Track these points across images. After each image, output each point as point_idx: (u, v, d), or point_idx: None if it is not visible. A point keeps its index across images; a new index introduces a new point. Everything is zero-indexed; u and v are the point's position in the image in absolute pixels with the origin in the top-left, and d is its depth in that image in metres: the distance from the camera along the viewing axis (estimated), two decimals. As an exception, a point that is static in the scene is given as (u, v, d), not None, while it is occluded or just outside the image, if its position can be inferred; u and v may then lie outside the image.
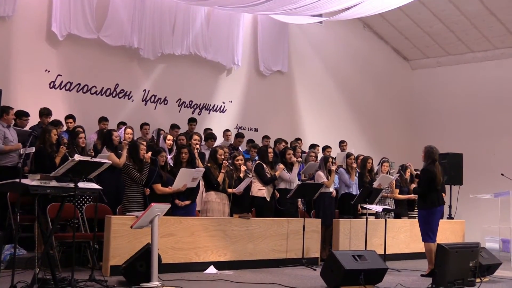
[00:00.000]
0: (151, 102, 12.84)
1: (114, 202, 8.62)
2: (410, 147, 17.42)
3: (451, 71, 17.53)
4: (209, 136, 11.30)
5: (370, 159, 11.29)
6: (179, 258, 8.26)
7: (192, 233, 8.41)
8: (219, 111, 13.99)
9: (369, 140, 16.78)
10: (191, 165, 9.09)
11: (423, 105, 18.03)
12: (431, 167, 8.68)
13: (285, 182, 10.20)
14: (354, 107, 16.80)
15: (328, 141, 13.45)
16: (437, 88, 17.76)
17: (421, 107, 18.06)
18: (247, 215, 9.22)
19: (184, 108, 13.34)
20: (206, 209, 9.14)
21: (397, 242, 11.15)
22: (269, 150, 10.19)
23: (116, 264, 7.41)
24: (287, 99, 15.37)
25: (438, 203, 8.70)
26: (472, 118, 16.82)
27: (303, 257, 9.49)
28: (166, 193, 8.55)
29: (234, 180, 9.41)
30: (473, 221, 13.85)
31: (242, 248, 8.98)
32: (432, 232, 8.60)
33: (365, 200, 9.93)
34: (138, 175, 8.29)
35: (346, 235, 10.27)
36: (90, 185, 6.68)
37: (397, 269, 9.29)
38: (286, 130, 14.47)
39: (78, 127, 9.56)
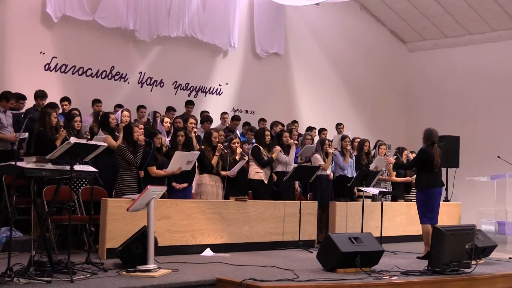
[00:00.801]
0: (147, 84, 12.80)
1: (110, 184, 8.60)
2: (407, 130, 17.45)
3: (448, 53, 17.49)
4: (205, 119, 11.28)
5: (367, 142, 11.31)
6: (176, 241, 8.27)
7: (188, 216, 8.42)
8: (216, 94, 13.96)
9: (366, 123, 16.78)
10: (188, 148, 9.08)
11: (420, 88, 18.01)
12: (429, 149, 8.69)
13: (282, 165, 10.20)
14: (350, 89, 16.78)
15: (324, 124, 13.44)
16: (434, 70, 17.73)
17: (418, 89, 18.04)
18: (244, 198, 9.23)
19: (180, 90, 13.32)
20: (200, 191, 9.14)
21: (394, 224, 11.19)
22: (266, 132, 10.18)
23: (112, 247, 7.42)
24: (283, 82, 15.34)
25: (436, 184, 8.72)
26: (469, 100, 16.82)
27: (300, 239, 9.51)
28: (160, 175, 8.55)
29: (229, 163, 9.42)
30: (469, 204, 13.90)
31: (238, 230, 9.00)
32: (430, 213, 8.62)
33: (362, 182, 9.95)
34: (132, 157, 8.28)
35: (342, 217, 10.30)
36: (86, 168, 6.66)
37: (394, 252, 9.32)
38: (283, 113, 14.45)
39: (74, 109, 9.54)
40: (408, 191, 11.82)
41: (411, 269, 7.32)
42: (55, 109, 9.38)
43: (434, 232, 7.19)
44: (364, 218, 9.87)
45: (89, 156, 6.61)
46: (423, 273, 7.08)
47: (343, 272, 6.99)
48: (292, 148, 10.30)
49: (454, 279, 6.95)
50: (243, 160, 9.67)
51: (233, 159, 9.53)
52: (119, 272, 6.41)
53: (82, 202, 8.47)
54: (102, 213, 7.68)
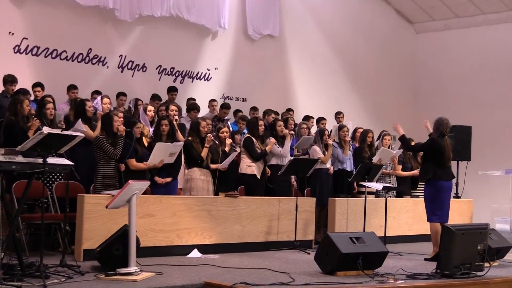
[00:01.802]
0: (128, 69, 12.75)
1: (87, 179, 8.58)
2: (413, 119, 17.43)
3: (459, 35, 17.49)
4: (192, 107, 11.24)
5: (370, 133, 11.30)
6: (159, 241, 8.26)
7: (173, 214, 8.41)
8: (204, 79, 13.93)
9: (369, 112, 16.80)
10: (173, 138, 9.07)
11: (428, 73, 18.02)
12: (439, 140, 8.70)
13: (276, 158, 10.20)
14: (352, 75, 16.78)
15: (323, 113, 13.44)
16: (444, 54, 17.74)
17: (426, 75, 18.06)
18: (234, 194, 9.23)
19: (165, 76, 13.28)
20: (189, 187, 9.13)
21: (399, 223, 11.21)
22: (259, 122, 10.17)
23: (89, 248, 7.41)
24: (278, 66, 15.32)
25: (445, 177, 8.73)
26: (483, 87, 16.83)
27: (296, 239, 9.52)
28: (140, 169, 8.55)
29: (219, 155, 9.41)
30: (482, 200, 13.96)
31: (228, 229, 8.99)
32: (439, 211, 8.65)
33: (364, 177, 9.95)
34: (112, 149, 8.26)
35: (342, 215, 10.31)
36: (61, 161, 6.64)
37: (399, 253, 9.35)
38: (277, 101, 14.44)
39: (47, 96, 9.49)
40: (415, 187, 11.84)
41: (418, 272, 7.34)
42: (27, 96, 9.33)
43: (444, 231, 7.20)
44: (366, 216, 9.89)
45: (64, 148, 6.58)
46: (431, 276, 7.10)
47: (343, 275, 7.00)
48: (287, 139, 10.30)
49: (465, 283, 6.97)
50: (234, 151, 9.65)
51: (222, 151, 9.52)
52: (97, 276, 6.40)
53: (56, 199, 8.44)
54: (79, 210, 7.66)
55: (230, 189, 9.38)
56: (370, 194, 10.63)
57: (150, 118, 10.06)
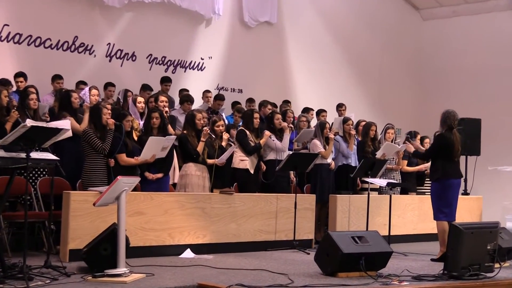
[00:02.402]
0: (116, 58, 12.73)
1: (73, 175, 8.58)
2: (419, 112, 17.49)
3: (469, 21, 17.47)
4: (186, 98, 11.23)
5: (374, 125, 11.32)
6: (150, 241, 8.26)
7: (165, 211, 8.41)
8: (197, 69, 13.92)
9: (372, 104, 16.80)
10: (164, 131, 9.06)
11: (435, 62, 18.01)
12: (447, 134, 8.71)
13: (274, 152, 10.20)
14: (354, 64, 16.77)
15: (323, 105, 13.44)
16: (453, 42, 17.72)
17: (433, 64, 18.04)
18: (230, 190, 9.23)
19: (156, 65, 13.26)
20: (184, 183, 9.14)
21: (404, 221, 11.23)
22: (255, 115, 10.17)
23: (76, 248, 7.40)
24: (276, 56, 15.30)
25: (455, 175, 8.75)
26: (493, 77, 16.82)
27: (295, 239, 9.53)
28: (131, 164, 8.55)
29: (215, 150, 9.40)
30: (492, 198, 13.97)
31: (223, 228, 9.00)
32: (447, 209, 8.66)
33: (367, 172, 9.96)
34: (100, 144, 8.26)
35: (344, 213, 10.33)
36: (45, 155, 6.63)
37: (404, 253, 9.37)
38: (275, 92, 14.44)
39: (30, 86, 9.46)
40: (421, 183, 11.86)
41: (424, 273, 7.35)
42: (7, 86, 9.31)
43: (451, 230, 7.21)
44: (369, 214, 9.90)
45: (49, 142, 6.58)
46: (438, 277, 7.11)
47: (345, 276, 7.02)
48: (286, 132, 10.30)
49: (474, 285, 6.98)
50: (232, 146, 9.65)
51: (220, 146, 9.52)
52: (84, 278, 6.40)
53: (40, 196, 8.44)
54: (64, 208, 7.65)
55: (226, 186, 9.38)
56: (373, 190, 10.65)
57: (140, 110, 10.04)
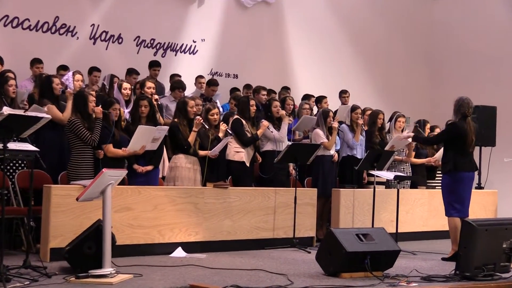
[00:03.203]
0: (101, 40, 12.70)
1: (55, 167, 8.58)
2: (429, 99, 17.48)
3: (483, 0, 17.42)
4: (176, 85, 11.21)
5: (381, 114, 11.30)
6: (138, 238, 8.28)
7: (154, 207, 8.42)
8: (189, 53, 13.90)
9: (378, 90, 16.77)
10: (153, 121, 9.04)
11: (448, 45, 17.96)
12: (460, 123, 8.71)
13: (271, 143, 10.20)
14: (359, 47, 16.73)
15: (325, 91, 13.42)
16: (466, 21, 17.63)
17: (446, 47, 17.99)
18: (224, 184, 9.24)
19: (144, 48, 13.24)
20: (173, 176, 9.14)
21: (413, 217, 11.25)
22: (251, 102, 10.16)
23: (57, 246, 7.41)
24: (274, 38, 15.27)
25: (468, 168, 8.74)
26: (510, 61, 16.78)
27: (294, 236, 9.55)
28: (119, 156, 8.55)
29: (210, 141, 9.40)
30: (508, 192, 13.98)
31: (217, 225, 9.01)
32: (459, 204, 8.68)
33: (373, 165, 9.96)
34: (89, 135, 8.24)
35: (348, 209, 10.34)
36: (24, 146, 6.62)
37: (412, 252, 9.39)
38: (273, 77, 14.42)
39: (7, 71, 9.43)
40: (431, 176, 11.86)
41: (434, 273, 7.37)
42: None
43: (464, 227, 7.22)
44: (375, 210, 9.91)
45: (28, 132, 6.56)
46: (450, 278, 7.13)
47: (348, 277, 7.04)
48: (284, 121, 10.29)
49: (488, 286, 6.99)
50: (226, 137, 9.64)
51: (216, 137, 9.52)
52: (66, 279, 6.41)
53: (18, 190, 8.43)
54: (45, 203, 7.65)
55: (220, 179, 9.38)
56: (379, 184, 10.65)
57: (125, 97, 10.00)
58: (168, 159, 9.66)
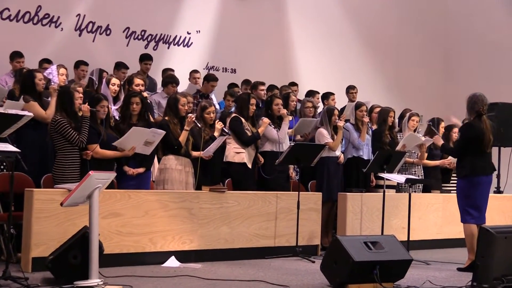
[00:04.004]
0: (87, 32, 12.71)
1: (37, 170, 8.57)
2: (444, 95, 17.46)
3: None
4: (169, 80, 11.21)
5: (392, 111, 11.27)
6: (128, 247, 8.27)
7: (145, 213, 8.42)
8: (183, 45, 13.91)
9: (389, 86, 16.79)
10: (144, 119, 9.03)
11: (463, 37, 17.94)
12: (476, 122, 8.70)
13: (271, 143, 10.19)
14: (368, 40, 16.73)
15: (332, 87, 13.41)
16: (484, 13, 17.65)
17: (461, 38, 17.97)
18: (221, 188, 9.23)
19: (134, 40, 13.25)
20: (162, 179, 9.14)
21: (426, 224, 11.24)
22: (251, 100, 10.15)
23: (40, 256, 7.40)
24: (276, 30, 15.28)
25: (485, 171, 8.73)
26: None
27: (297, 245, 9.55)
28: (107, 157, 8.54)
29: (204, 140, 9.39)
30: (529, 196, 13.98)
31: (214, 232, 9.01)
32: (476, 209, 8.67)
33: (382, 167, 9.95)
34: (77, 135, 8.22)
35: (356, 214, 10.33)
36: (4, 147, 6.62)
37: (425, 261, 9.40)
38: (275, 72, 14.41)
39: (-14, 66, 9.46)
40: (446, 179, 11.85)
41: (450, 285, 7.38)
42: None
43: (481, 234, 7.22)
44: (385, 216, 9.92)
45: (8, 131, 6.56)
46: (466, 290, 7.15)
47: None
48: (285, 120, 10.27)
49: (507, 298, 7.01)
50: (221, 137, 9.63)
51: (211, 136, 9.51)
52: (49, 290, 6.41)
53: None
54: (26, 209, 7.65)
55: (216, 182, 9.38)
56: (390, 188, 10.65)
57: (113, 93, 9.98)
58: (158, 160, 9.63)
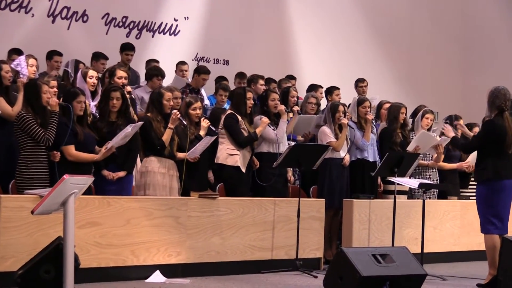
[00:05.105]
0: (62, 18, 12.72)
1: (4, 173, 8.60)
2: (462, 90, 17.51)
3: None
4: (154, 72, 11.21)
5: (404, 108, 11.27)
6: (107, 260, 8.26)
7: (127, 221, 8.40)
8: (169, 34, 13.92)
9: (400, 79, 16.84)
10: (125, 117, 9.02)
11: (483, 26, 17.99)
12: (497, 120, 8.69)
13: (268, 144, 10.18)
14: (376, 27, 16.78)
15: (335, 81, 13.42)
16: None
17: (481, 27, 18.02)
18: (212, 194, 9.23)
19: (115, 28, 13.27)
20: (144, 183, 9.13)
21: (442, 235, 11.25)
22: (247, 94, 10.14)
23: (8, 270, 7.38)
24: (273, 16, 15.31)
25: (508, 174, 8.72)
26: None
27: (298, 257, 9.55)
28: (83, 160, 8.52)
29: (190, 141, 9.39)
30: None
31: (204, 244, 9.01)
32: (497, 219, 8.66)
33: (393, 170, 9.95)
34: (42, 132, 8.20)
35: (363, 224, 10.33)
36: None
37: (441, 276, 9.41)
38: (272, 64, 14.46)
39: None
40: (465, 184, 11.85)
41: (468, 302, 7.40)
42: None
43: (504, 246, 7.24)
44: (396, 225, 9.92)
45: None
46: (487, 308, 7.15)
47: (364, 307, 7.06)
48: (283, 118, 10.25)
49: (533, 317, 7.02)
50: (209, 137, 9.62)
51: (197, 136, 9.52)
52: (19, 309, 6.41)
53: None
54: (-7, 217, 7.65)
55: (205, 187, 9.37)
56: (401, 194, 10.66)
57: (91, 87, 9.99)
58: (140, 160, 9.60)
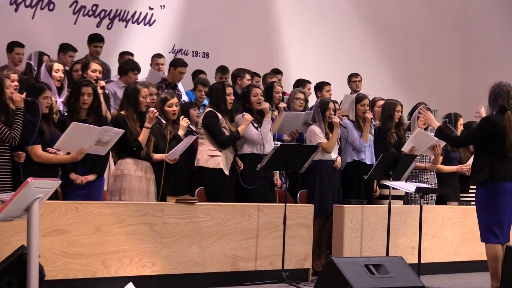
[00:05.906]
0: (25, 6, 12.72)
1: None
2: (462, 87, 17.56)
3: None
4: (128, 66, 11.21)
5: (399, 105, 11.30)
6: (75, 272, 8.24)
7: (97, 229, 8.39)
8: (143, 23, 13.91)
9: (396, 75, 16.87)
10: (97, 114, 8.99)
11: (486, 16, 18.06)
12: (495, 117, 8.70)
13: (252, 144, 10.18)
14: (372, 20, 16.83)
15: (324, 76, 13.43)
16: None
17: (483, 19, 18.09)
18: (191, 199, 9.22)
19: (84, 17, 13.28)
20: (119, 188, 9.11)
21: (441, 243, 11.28)
22: (227, 90, 10.14)
23: (-33, 281, 7.39)
24: (258, 5, 15.32)
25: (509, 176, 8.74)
26: None
27: (283, 268, 9.55)
28: (49, 161, 8.49)
29: (167, 141, 9.38)
30: None
31: (181, 253, 9.01)
32: (497, 227, 8.68)
33: (388, 173, 9.97)
34: (7, 130, 8.18)
35: (355, 231, 10.35)
36: None
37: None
38: (256, 57, 14.50)
39: None
40: (465, 188, 11.88)
41: (469, 317, 7.42)
42: None
43: (508, 255, 7.25)
44: (391, 233, 9.94)
45: None
46: (489, 323, 7.18)
47: (356, 322, 7.07)
48: (267, 116, 10.25)
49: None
50: (191, 136, 9.63)
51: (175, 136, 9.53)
52: (-22, 324, 6.38)
53: None
54: (-50, 224, 7.62)
55: (183, 192, 9.37)
56: (396, 199, 10.67)
57: (57, 82, 9.98)
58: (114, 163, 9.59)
